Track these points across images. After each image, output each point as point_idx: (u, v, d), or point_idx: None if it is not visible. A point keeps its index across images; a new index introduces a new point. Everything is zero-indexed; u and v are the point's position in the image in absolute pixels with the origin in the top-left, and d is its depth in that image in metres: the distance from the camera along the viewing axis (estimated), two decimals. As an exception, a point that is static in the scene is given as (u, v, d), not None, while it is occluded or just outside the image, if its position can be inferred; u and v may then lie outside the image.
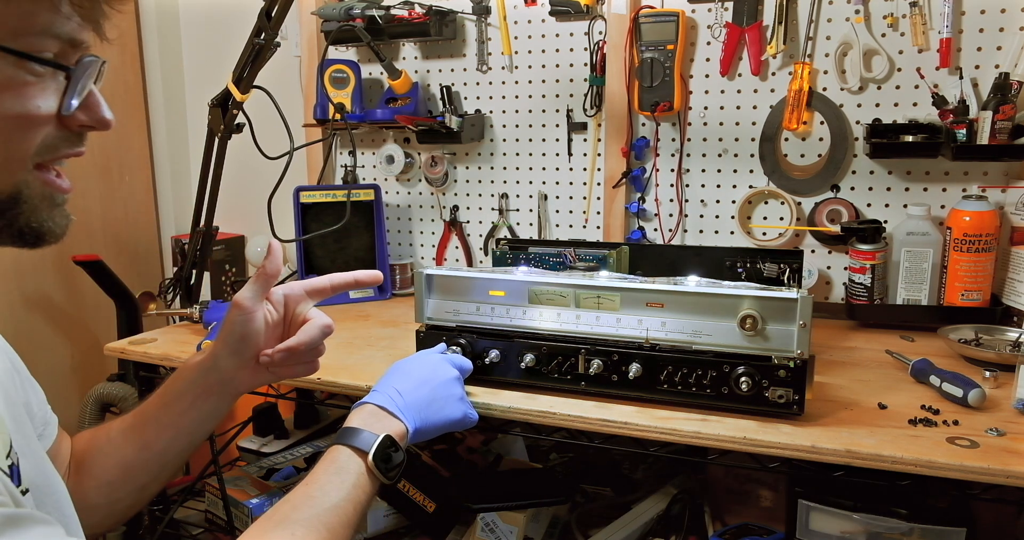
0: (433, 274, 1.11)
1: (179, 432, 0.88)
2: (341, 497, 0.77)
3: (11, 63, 0.53)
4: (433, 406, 0.93)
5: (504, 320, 1.08)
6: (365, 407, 0.89)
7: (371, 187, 1.70)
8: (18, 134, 0.55)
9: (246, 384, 0.90)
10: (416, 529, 1.35)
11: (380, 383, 0.94)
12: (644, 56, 1.52)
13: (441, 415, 0.94)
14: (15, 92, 0.54)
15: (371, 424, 0.85)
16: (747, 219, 1.55)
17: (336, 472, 0.79)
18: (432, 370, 0.98)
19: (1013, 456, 0.84)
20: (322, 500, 0.76)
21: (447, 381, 0.97)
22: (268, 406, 1.71)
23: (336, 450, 0.82)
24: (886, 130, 1.39)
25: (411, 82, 1.71)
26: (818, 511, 1.03)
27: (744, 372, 0.95)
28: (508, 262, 1.36)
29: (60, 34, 0.55)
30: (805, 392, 0.94)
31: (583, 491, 1.47)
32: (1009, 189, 1.35)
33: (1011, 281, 1.32)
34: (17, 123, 0.55)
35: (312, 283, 0.92)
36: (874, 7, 1.39)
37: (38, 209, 0.59)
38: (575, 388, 1.05)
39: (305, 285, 0.92)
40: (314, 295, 0.92)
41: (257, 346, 0.87)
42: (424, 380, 0.95)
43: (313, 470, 0.80)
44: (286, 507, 0.74)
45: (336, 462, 0.81)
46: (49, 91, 0.56)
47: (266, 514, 0.75)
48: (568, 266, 1.31)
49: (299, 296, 0.92)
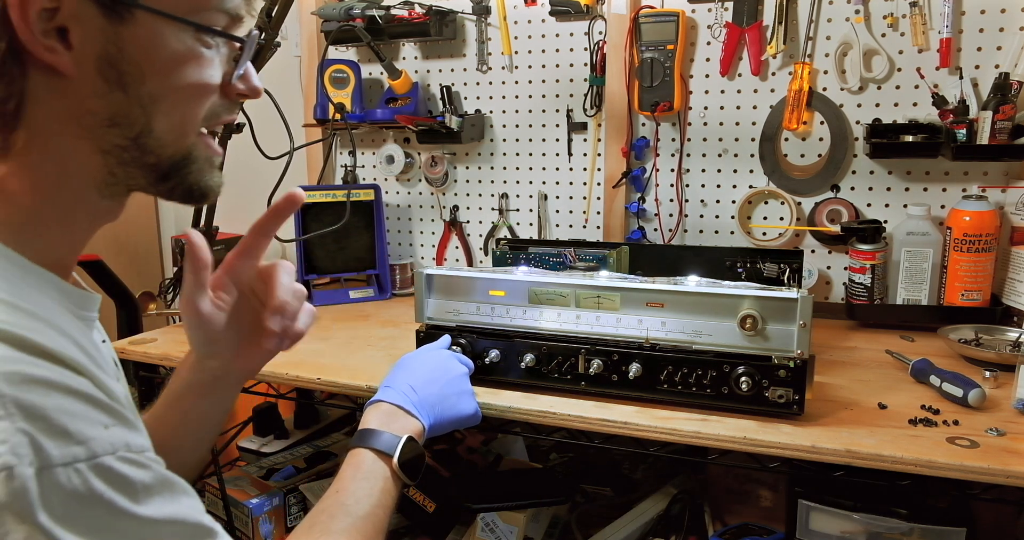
0: (433, 274, 1.11)
1: (187, 430, 0.87)
2: (372, 503, 0.78)
3: (191, 35, 0.59)
4: (446, 402, 0.93)
5: (504, 320, 1.08)
6: (380, 405, 0.89)
7: (371, 187, 1.70)
8: (194, 101, 0.61)
9: (246, 371, 0.87)
10: (416, 529, 1.35)
11: (391, 378, 0.94)
12: (644, 56, 1.52)
13: (454, 411, 0.94)
14: (195, 63, 0.60)
15: (389, 424, 0.85)
16: (747, 219, 1.55)
17: (364, 477, 0.80)
18: (443, 365, 0.98)
19: (1013, 456, 0.84)
20: (355, 509, 0.77)
21: (458, 377, 0.98)
22: (268, 406, 1.70)
23: (360, 454, 0.82)
24: (886, 130, 1.39)
25: (411, 82, 1.71)
26: (818, 511, 1.03)
27: (744, 372, 0.95)
28: (508, 262, 1.36)
29: (228, 10, 0.61)
30: (805, 392, 0.94)
31: (583, 491, 1.47)
32: (1009, 189, 1.35)
33: (1011, 281, 1.32)
34: (194, 91, 0.61)
35: (238, 246, 0.81)
36: (874, 7, 1.39)
37: (203, 169, 0.64)
38: (575, 388, 1.05)
39: (233, 252, 0.81)
40: (246, 254, 0.80)
41: (232, 338, 0.81)
42: (435, 376, 0.95)
43: (340, 475, 0.81)
44: (323, 517, 0.75)
45: (362, 468, 0.81)
46: (217, 61, 0.62)
47: (303, 525, 0.75)
48: (568, 266, 1.31)
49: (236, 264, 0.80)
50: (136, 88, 0.57)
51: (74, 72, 0.56)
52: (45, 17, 0.54)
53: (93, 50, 0.56)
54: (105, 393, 0.53)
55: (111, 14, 0.55)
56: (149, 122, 0.59)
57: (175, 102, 0.60)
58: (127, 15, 0.56)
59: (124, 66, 0.57)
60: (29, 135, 0.57)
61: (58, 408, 0.49)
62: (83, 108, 0.57)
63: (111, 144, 0.59)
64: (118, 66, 0.56)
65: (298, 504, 1.52)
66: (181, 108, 0.60)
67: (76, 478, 0.48)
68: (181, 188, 0.64)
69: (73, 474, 0.48)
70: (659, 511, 1.32)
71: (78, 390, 0.51)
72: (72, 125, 0.57)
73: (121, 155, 0.59)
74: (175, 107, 0.60)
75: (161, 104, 0.59)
